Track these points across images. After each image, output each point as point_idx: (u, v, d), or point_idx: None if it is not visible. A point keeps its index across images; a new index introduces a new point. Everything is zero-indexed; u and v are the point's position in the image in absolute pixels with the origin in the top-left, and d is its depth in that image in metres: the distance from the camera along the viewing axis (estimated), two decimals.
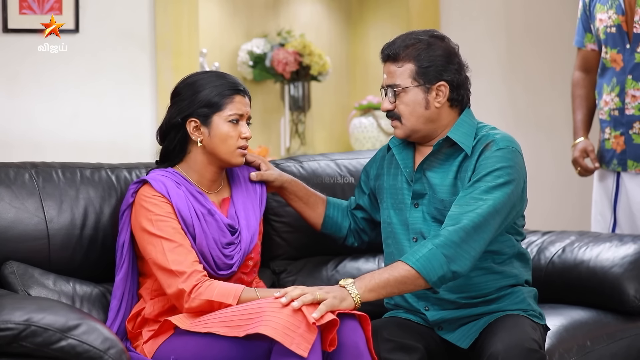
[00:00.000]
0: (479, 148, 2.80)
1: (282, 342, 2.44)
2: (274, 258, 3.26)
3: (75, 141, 3.86)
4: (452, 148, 2.83)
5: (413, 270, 2.63)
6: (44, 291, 2.79)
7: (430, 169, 2.85)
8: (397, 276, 2.63)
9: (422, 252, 2.65)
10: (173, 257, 2.68)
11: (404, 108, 2.82)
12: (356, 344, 2.56)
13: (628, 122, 3.69)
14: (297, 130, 5.03)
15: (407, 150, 2.91)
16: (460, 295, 2.82)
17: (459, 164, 2.82)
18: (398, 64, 2.83)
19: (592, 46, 3.81)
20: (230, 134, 2.77)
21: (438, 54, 2.82)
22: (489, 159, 2.77)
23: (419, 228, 2.84)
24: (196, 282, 2.65)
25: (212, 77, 2.81)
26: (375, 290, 2.62)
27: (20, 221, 2.83)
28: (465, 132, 2.83)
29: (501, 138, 2.81)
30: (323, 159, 3.38)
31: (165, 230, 2.70)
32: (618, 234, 3.45)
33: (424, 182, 2.85)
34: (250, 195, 2.93)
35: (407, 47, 2.82)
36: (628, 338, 3.22)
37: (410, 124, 2.83)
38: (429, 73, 2.81)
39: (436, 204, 2.82)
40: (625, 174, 3.74)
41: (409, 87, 2.81)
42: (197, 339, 2.58)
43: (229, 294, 2.64)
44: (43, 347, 2.43)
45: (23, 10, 3.74)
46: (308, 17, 5.23)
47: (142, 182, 2.78)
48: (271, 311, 2.50)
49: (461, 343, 2.81)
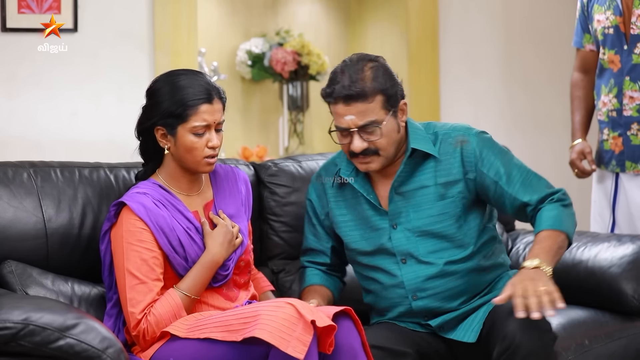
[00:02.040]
0: (448, 149, 2.81)
1: (278, 346, 2.43)
2: (272, 257, 3.26)
3: (74, 140, 3.85)
4: (415, 157, 2.81)
5: (563, 233, 2.73)
6: (42, 290, 2.79)
7: (402, 184, 2.82)
8: (558, 241, 2.72)
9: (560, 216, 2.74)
10: (131, 295, 2.63)
11: (384, 141, 2.74)
12: (351, 344, 2.55)
13: (626, 123, 3.68)
14: (295, 130, 5.03)
15: (360, 175, 2.86)
16: (458, 301, 2.83)
17: (433, 170, 2.81)
18: (368, 100, 2.71)
19: (591, 47, 3.81)
20: (195, 145, 2.69)
21: (390, 73, 2.76)
22: (485, 149, 2.81)
23: (404, 249, 2.82)
24: (144, 325, 2.62)
25: (180, 82, 2.70)
26: (553, 261, 2.69)
27: (18, 220, 2.83)
28: (422, 138, 2.82)
29: (462, 128, 2.84)
30: (321, 159, 3.38)
31: (132, 262, 2.64)
32: (616, 234, 3.45)
33: (397, 200, 2.82)
34: (234, 196, 2.87)
35: (366, 80, 2.71)
36: (626, 337, 3.22)
37: (388, 154, 2.77)
38: (395, 96, 2.75)
39: (421, 216, 2.80)
40: (623, 175, 3.74)
41: (385, 118, 2.73)
42: (195, 343, 2.57)
43: (172, 309, 2.63)
44: (41, 346, 2.43)
45: (22, 9, 3.73)
46: (307, 17, 5.23)
47: (122, 204, 2.70)
48: (267, 314, 2.48)
49: (467, 338, 2.79)
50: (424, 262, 2.82)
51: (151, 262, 2.65)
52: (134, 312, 2.63)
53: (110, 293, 2.76)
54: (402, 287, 2.84)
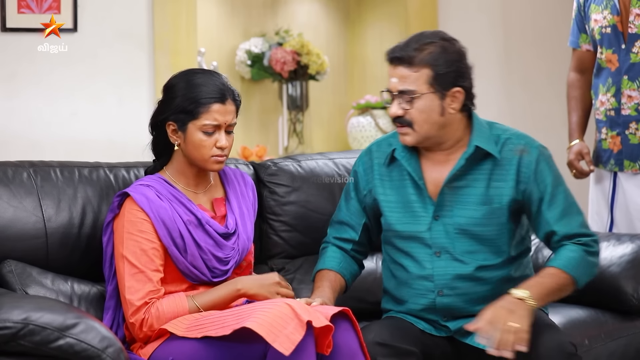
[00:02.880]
0: (509, 154, 2.77)
1: (266, 338, 2.42)
2: (272, 257, 3.27)
3: (74, 140, 3.85)
4: (475, 154, 2.77)
5: (570, 278, 2.68)
6: (42, 290, 2.79)
7: (458, 179, 2.78)
8: (560, 283, 2.68)
9: (576, 260, 2.69)
10: (130, 284, 2.65)
11: (418, 115, 2.71)
12: (349, 344, 2.55)
13: (624, 123, 3.69)
14: (295, 130, 5.03)
15: (413, 158, 2.82)
16: (482, 306, 2.71)
17: (489, 171, 2.77)
18: (413, 69, 2.69)
19: (587, 47, 3.81)
20: (203, 144, 2.72)
21: (454, 58, 2.73)
22: (540, 165, 2.79)
23: (441, 243, 2.78)
24: (144, 316, 2.64)
25: (195, 80, 2.73)
26: (544, 300, 2.65)
27: (18, 220, 2.83)
28: (486, 138, 2.78)
29: (525, 137, 2.83)
30: (321, 158, 3.38)
31: (131, 251, 2.66)
32: (616, 233, 3.45)
33: (446, 193, 2.78)
34: (244, 198, 2.90)
35: (422, 50, 2.70)
36: (626, 337, 3.22)
37: (423, 131, 2.73)
38: (446, 79, 2.71)
39: (465, 214, 2.76)
40: (622, 174, 3.74)
41: (425, 93, 2.70)
42: (193, 341, 2.57)
43: (179, 311, 2.65)
44: (41, 345, 2.43)
45: (21, 9, 3.73)
46: (306, 17, 5.23)
47: (125, 195, 2.74)
48: (262, 309, 2.49)
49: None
50: (459, 260, 2.78)
51: (150, 253, 2.67)
52: (132, 300, 2.64)
53: (109, 286, 2.77)
54: (431, 281, 2.79)
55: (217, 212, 2.83)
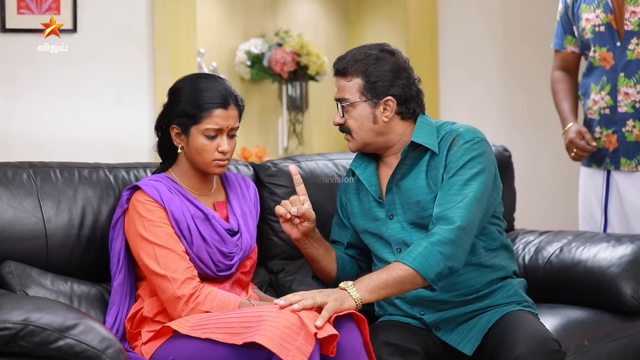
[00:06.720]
0: (445, 144, 2.82)
1: (278, 354, 2.44)
2: (272, 258, 3.27)
3: (73, 141, 3.85)
4: (417, 151, 2.84)
5: (410, 269, 2.65)
6: (41, 291, 2.80)
7: (402, 177, 2.86)
8: (396, 276, 2.64)
9: (418, 251, 2.66)
10: (166, 264, 2.68)
11: (353, 122, 2.84)
12: (353, 345, 2.56)
13: (621, 120, 3.69)
14: (294, 130, 5.04)
15: (369, 167, 2.92)
16: (453, 293, 2.83)
17: (427, 163, 2.83)
18: (347, 79, 2.83)
19: (572, 48, 3.84)
20: (205, 148, 2.77)
21: (386, 68, 2.82)
22: (458, 153, 2.79)
23: (399, 238, 2.86)
24: (193, 290, 2.67)
25: (200, 85, 2.78)
26: (375, 292, 2.63)
27: (18, 221, 2.83)
28: (427, 133, 2.84)
29: (465, 131, 2.83)
30: (321, 159, 3.38)
31: (158, 236, 2.71)
32: (615, 234, 3.45)
33: (393, 192, 2.86)
34: (246, 200, 2.95)
35: (356, 61, 2.83)
36: (625, 338, 3.22)
37: (360, 138, 2.85)
38: (377, 88, 2.81)
39: (412, 208, 2.83)
40: (616, 172, 3.74)
41: (357, 102, 2.82)
42: (196, 342, 2.58)
43: (227, 307, 2.67)
44: (41, 346, 2.43)
45: (21, 10, 3.73)
46: (306, 17, 5.24)
47: (135, 188, 2.78)
48: (270, 320, 2.49)
49: (463, 347, 2.80)
50: None
51: (174, 237, 2.73)
52: (174, 276, 2.67)
53: (115, 282, 2.78)
54: None
55: (219, 214, 2.85)
